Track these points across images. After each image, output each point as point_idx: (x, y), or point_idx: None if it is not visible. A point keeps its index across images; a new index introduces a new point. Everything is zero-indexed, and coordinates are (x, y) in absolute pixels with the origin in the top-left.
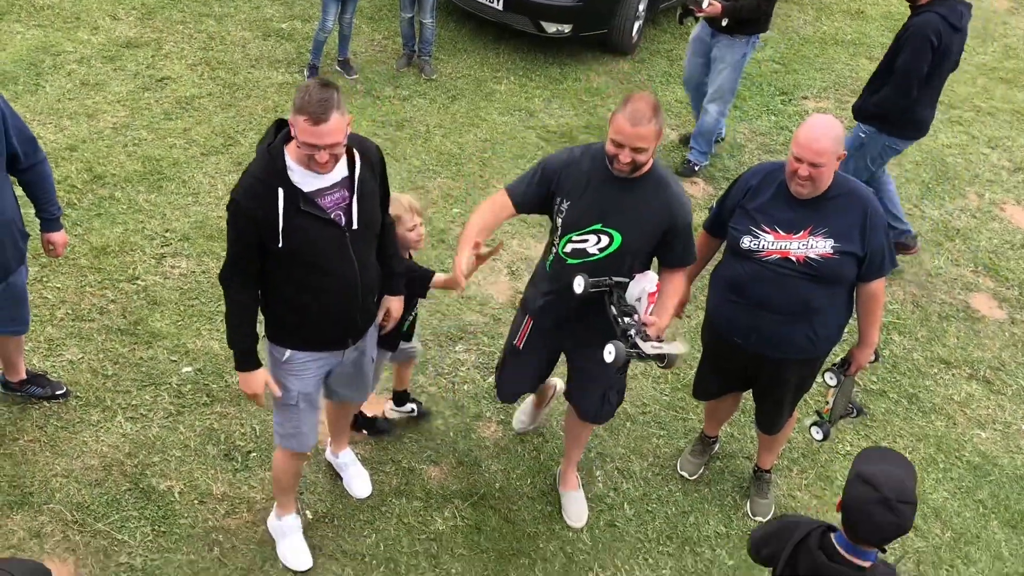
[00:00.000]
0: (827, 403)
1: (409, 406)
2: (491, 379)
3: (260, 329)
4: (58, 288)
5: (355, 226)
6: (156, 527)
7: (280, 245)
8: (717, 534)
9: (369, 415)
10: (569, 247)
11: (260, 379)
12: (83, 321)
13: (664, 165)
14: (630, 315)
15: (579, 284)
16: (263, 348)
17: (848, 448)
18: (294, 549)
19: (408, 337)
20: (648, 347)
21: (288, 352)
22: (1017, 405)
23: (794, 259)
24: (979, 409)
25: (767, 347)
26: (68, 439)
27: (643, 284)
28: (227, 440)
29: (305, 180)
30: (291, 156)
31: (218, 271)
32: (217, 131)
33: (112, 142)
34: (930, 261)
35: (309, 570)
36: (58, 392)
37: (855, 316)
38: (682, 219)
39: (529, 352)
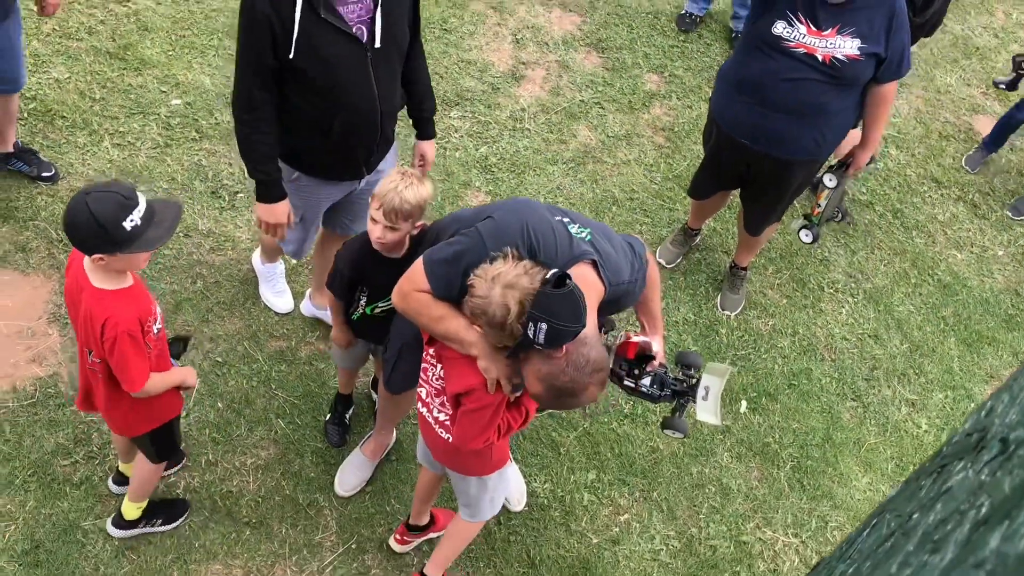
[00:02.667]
0: (818, 205)
1: None
2: (483, 148)
3: None
4: None
5: (378, 44)
6: None
7: (291, 56)
8: (686, 320)
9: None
10: None
11: (283, 210)
12: (71, 39)
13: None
14: (644, 375)
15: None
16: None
17: (826, 254)
18: (277, 291)
19: None
20: (699, 403)
21: (297, 173)
22: (998, 231)
23: (820, 57)
24: (960, 231)
25: (774, 148)
26: (54, 159)
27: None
28: (214, 178)
29: None
30: None
31: (213, 3)
32: None
33: None
34: (941, 78)
35: (288, 312)
36: (45, 174)
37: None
38: None
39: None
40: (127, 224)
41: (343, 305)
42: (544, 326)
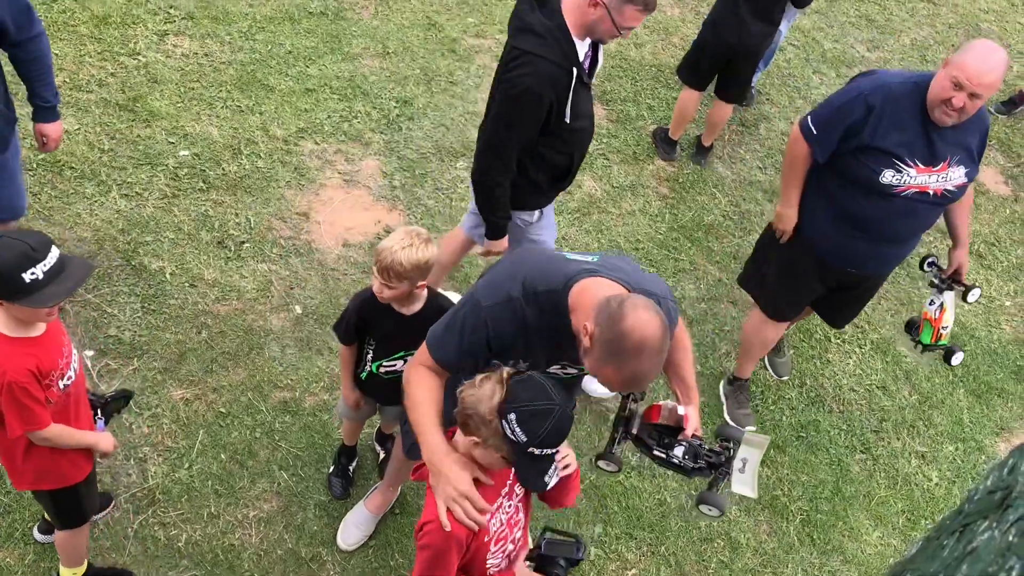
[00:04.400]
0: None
1: None
2: None
3: None
4: (57, 55)
5: (592, 79)
6: (146, 305)
7: (567, 120)
8: None
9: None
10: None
11: (507, 239)
12: (81, 91)
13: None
14: (676, 445)
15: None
16: None
17: None
18: None
19: None
20: (735, 475)
21: (538, 212)
22: (1005, 282)
23: (931, 192)
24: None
25: (883, 268)
26: (62, 209)
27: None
28: (221, 228)
29: (581, 50)
30: (573, 28)
31: (221, 56)
32: None
33: None
34: None
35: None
36: None
37: None
38: None
39: None
40: (27, 276)
41: (352, 357)
42: (513, 415)
